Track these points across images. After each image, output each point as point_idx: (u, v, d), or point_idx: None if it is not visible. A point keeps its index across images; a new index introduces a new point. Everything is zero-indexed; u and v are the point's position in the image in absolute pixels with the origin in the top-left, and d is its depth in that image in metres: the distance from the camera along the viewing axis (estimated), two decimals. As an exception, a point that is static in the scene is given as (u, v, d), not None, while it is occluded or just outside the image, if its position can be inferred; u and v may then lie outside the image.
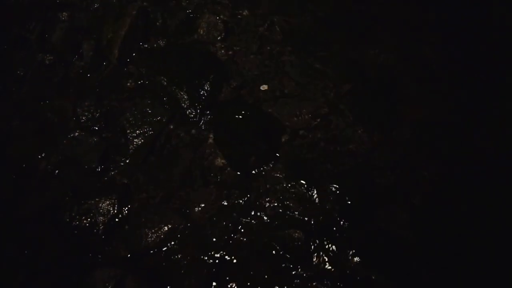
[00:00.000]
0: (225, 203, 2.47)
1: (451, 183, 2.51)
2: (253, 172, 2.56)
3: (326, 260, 2.32)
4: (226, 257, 2.36)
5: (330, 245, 2.35)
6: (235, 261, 2.35)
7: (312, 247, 2.34)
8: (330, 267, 2.30)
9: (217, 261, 2.33)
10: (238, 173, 2.56)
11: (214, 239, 2.39)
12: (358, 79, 2.91)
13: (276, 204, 2.47)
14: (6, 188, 2.60)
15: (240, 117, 2.72)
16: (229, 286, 2.28)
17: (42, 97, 2.90)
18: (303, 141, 2.67)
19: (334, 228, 2.39)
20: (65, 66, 2.99)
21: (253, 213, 2.46)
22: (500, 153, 2.61)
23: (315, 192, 2.50)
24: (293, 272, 2.30)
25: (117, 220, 2.46)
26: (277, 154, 2.61)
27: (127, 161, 2.66)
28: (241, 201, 2.48)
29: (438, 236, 2.35)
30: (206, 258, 2.33)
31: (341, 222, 2.40)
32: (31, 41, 3.02)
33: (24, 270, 2.34)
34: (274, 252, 2.34)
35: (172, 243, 2.38)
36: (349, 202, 2.45)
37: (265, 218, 2.43)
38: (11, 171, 2.66)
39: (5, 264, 2.36)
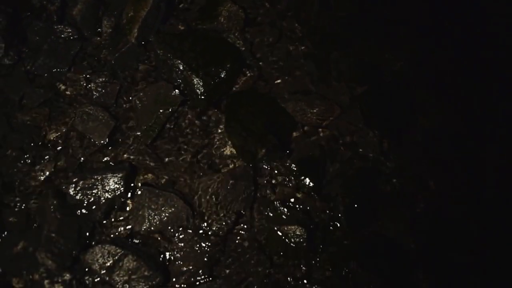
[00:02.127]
0: (231, 193, 2.47)
1: (456, 194, 2.51)
2: (262, 165, 2.56)
3: (326, 260, 2.33)
4: (227, 246, 2.36)
5: (331, 245, 2.36)
6: (235, 251, 2.36)
7: (314, 245, 2.35)
8: (329, 268, 2.31)
9: (217, 249, 2.34)
10: (246, 164, 2.56)
11: (216, 228, 2.40)
12: (373, 82, 2.91)
13: (281, 199, 2.48)
14: (11, 158, 2.60)
15: (253, 109, 2.71)
16: (227, 275, 2.29)
17: (56, 69, 2.89)
18: (313, 139, 2.67)
19: (337, 229, 2.40)
20: (82, 40, 2.97)
21: (257, 205, 2.46)
22: (508, 168, 2.61)
23: (321, 191, 2.50)
24: (292, 269, 2.31)
25: (121, 198, 2.46)
26: (287, 150, 2.61)
27: (136, 140, 2.66)
28: (246, 193, 2.47)
29: (438, 244, 2.36)
30: (206, 245, 2.34)
31: (344, 224, 2.41)
32: (51, 12, 3.00)
33: (25, 240, 2.34)
34: (275, 246, 2.35)
35: (174, 227, 2.38)
36: (354, 204, 2.46)
37: (269, 212, 2.44)
38: (18, 140, 2.66)
39: (5, 233, 2.36)
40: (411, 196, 2.51)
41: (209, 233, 2.39)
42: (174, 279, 2.27)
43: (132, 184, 2.51)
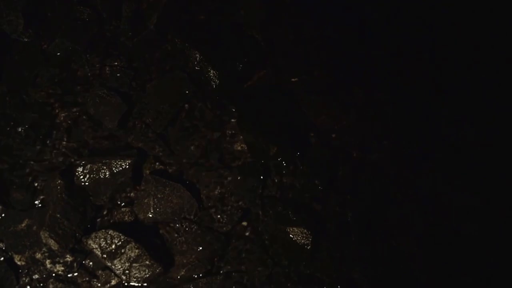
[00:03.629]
0: (238, 189, 2.45)
1: (471, 208, 2.46)
2: (272, 163, 2.53)
3: (330, 264, 2.29)
4: (230, 242, 2.34)
5: (336, 250, 2.33)
6: (238, 248, 2.34)
7: (318, 248, 2.32)
8: (332, 273, 2.27)
9: (220, 245, 2.31)
10: (256, 161, 2.53)
11: (221, 223, 2.38)
12: (392, 89, 2.85)
13: (289, 199, 2.45)
14: (21, 135, 2.59)
15: (267, 105, 2.68)
16: (228, 271, 2.27)
17: (72, 50, 2.88)
18: (326, 141, 2.63)
19: (343, 234, 2.36)
20: (101, 23, 2.96)
21: (264, 204, 2.43)
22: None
23: (331, 195, 2.47)
24: (294, 271, 2.28)
25: (127, 184, 2.45)
26: (299, 150, 2.57)
27: (147, 128, 2.64)
28: (254, 190, 2.45)
29: (449, 258, 2.31)
30: (209, 239, 2.32)
31: (351, 229, 2.37)
32: (72, -7, 2.99)
33: (29, 219, 2.34)
34: (278, 246, 2.32)
35: (179, 218, 2.36)
36: (362, 211, 2.42)
37: (275, 211, 2.40)
38: (29, 117, 2.66)
39: (11, 210, 2.36)
40: (423, 207, 2.46)
41: (213, 227, 2.37)
42: (174, 271, 2.25)
43: (139, 171, 2.49)
